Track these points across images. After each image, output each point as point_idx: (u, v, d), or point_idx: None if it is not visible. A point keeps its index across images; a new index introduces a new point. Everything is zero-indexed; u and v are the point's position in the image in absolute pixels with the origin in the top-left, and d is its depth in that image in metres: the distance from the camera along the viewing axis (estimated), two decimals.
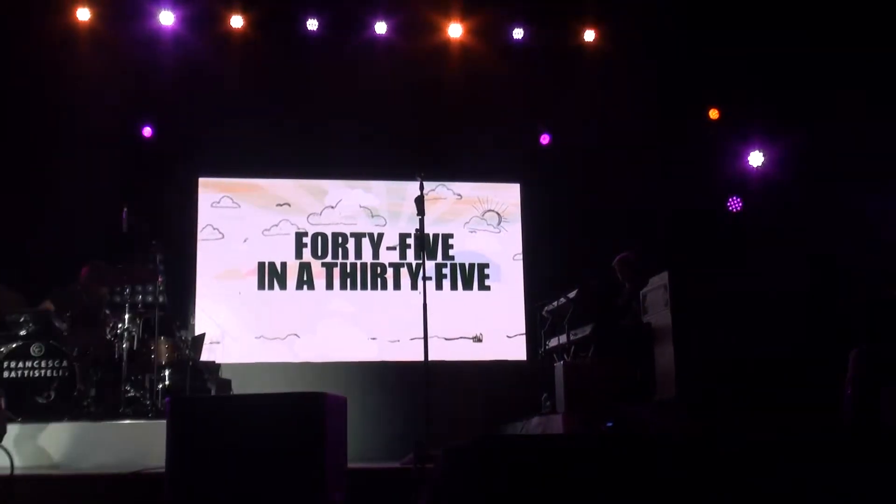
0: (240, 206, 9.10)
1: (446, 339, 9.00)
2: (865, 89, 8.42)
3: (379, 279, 9.19)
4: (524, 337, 9.17)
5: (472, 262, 9.35)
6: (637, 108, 9.14)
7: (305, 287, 9.05)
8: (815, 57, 8.67)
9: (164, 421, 4.44)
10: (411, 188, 6.56)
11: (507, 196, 9.56)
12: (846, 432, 5.00)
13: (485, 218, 9.48)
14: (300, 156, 9.08)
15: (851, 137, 8.52)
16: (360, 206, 9.31)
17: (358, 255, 9.20)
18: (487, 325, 9.21)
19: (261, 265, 9.00)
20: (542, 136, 9.62)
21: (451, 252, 9.35)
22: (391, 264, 9.23)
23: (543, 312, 7.59)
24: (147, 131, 8.97)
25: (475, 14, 9.21)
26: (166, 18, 8.75)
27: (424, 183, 6.46)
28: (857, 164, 8.54)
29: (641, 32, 9.14)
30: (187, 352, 7.11)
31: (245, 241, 9.03)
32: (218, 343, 8.50)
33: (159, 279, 7.03)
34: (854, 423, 5.23)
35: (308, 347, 8.88)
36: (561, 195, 9.30)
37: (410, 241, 9.20)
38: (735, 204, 9.57)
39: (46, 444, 5.82)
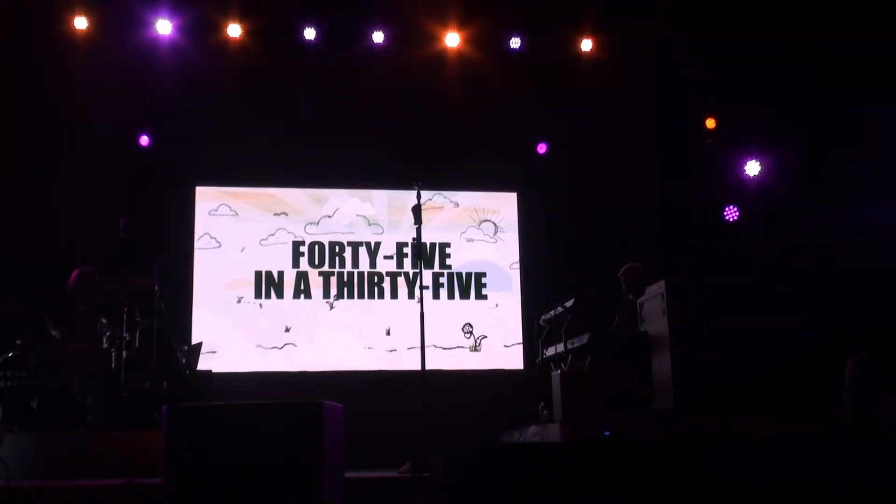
0: (237, 214, 9.09)
1: (444, 348, 8.99)
2: (862, 96, 8.45)
3: (376, 288, 9.18)
4: (521, 346, 9.17)
5: (469, 271, 9.35)
6: (634, 118, 9.17)
7: (303, 296, 9.04)
8: (812, 66, 8.70)
9: (161, 430, 4.43)
10: (409, 197, 6.57)
11: (504, 205, 9.56)
12: (846, 437, 5.01)
13: (482, 227, 9.48)
14: (298, 164, 9.08)
15: (848, 147, 8.54)
16: (358, 215, 9.31)
17: (355, 264, 9.19)
18: (485, 334, 9.20)
19: (258, 274, 9.00)
20: (540, 145, 9.63)
21: (448, 261, 9.35)
22: (388, 273, 9.22)
23: (540, 321, 7.58)
24: (144, 140, 8.95)
25: (472, 23, 9.22)
26: (164, 27, 8.74)
27: (422, 192, 6.47)
28: (853, 173, 8.57)
29: (638, 42, 9.16)
30: (184, 360, 7.09)
31: (242, 250, 9.02)
32: (215, 352, 8.50)
33: (155, 288, 7.00)
34: (853, 428, 5.24)
35: (305, 356, 8.87)
36: (558, 204, 9.32)
37: (408, 250, 9.21)
38: (732, 213, 9.57)
39: (42, 454, 5.80)
